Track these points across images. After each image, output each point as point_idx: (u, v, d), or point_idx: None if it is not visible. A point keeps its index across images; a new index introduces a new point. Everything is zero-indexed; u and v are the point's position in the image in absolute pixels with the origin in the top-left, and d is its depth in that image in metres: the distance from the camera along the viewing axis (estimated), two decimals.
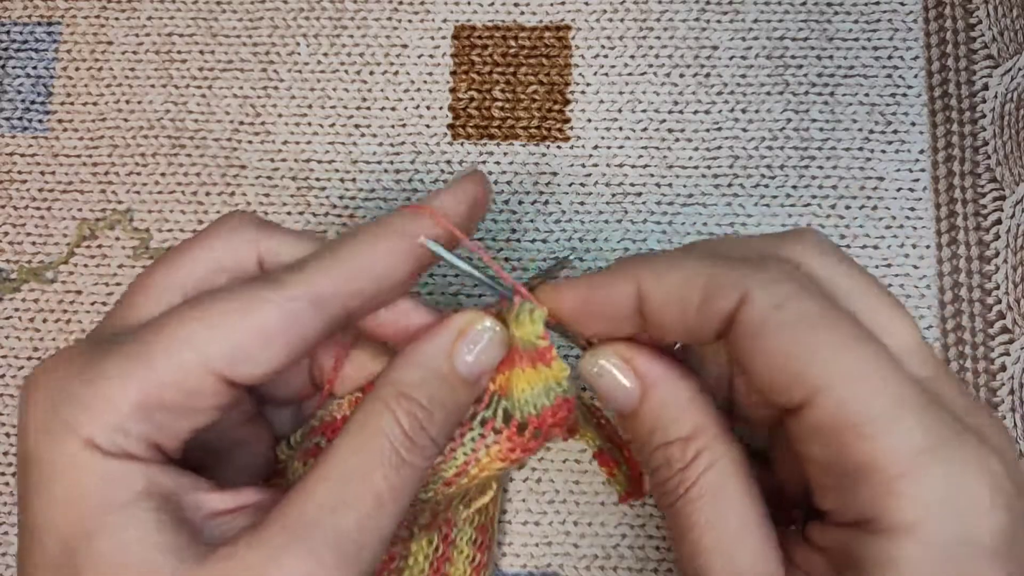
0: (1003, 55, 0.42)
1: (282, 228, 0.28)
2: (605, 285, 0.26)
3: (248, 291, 0.25)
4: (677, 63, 0.42)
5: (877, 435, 0.21)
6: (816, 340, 0.22)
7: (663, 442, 0.26)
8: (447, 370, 0.27)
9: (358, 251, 0.26)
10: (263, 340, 0.24)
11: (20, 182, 0.43)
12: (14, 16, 0.44)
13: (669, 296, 0.24)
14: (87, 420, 0.23)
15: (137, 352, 0.24)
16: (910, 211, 0.40)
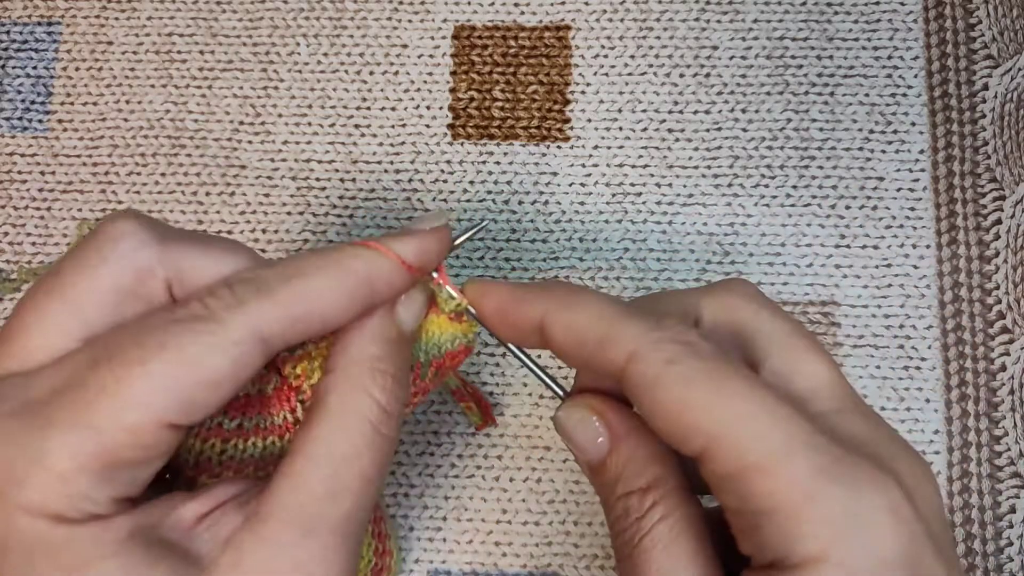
0: (1003, 55, 0.42)
1: (186, 236, 0.26)
2: (519, 302, 0.28)
3: (188, 335, 0.23)
4: (677, 63, 0.42)
5: (771, 474, 0.22)
6: (707, 392, 0.23)
7: (624, 492, 0.27)
8: (397, 334, 0.28)
9: (303, 286, 0.25)
10: (213, 387, 0.23)
11: (20, 182, 0.43)
12: (14, 16, 0.44)
13: (569, 331, 0.26)
14: (46, 499, 0.22)
15: (79, 419, 0.22)
16: (910, 211, 0.40)
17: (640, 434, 0.27)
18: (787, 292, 0.40)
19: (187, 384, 0.23)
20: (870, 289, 0.40)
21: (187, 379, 0.23)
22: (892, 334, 0.39)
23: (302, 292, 0.25)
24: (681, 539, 0.25)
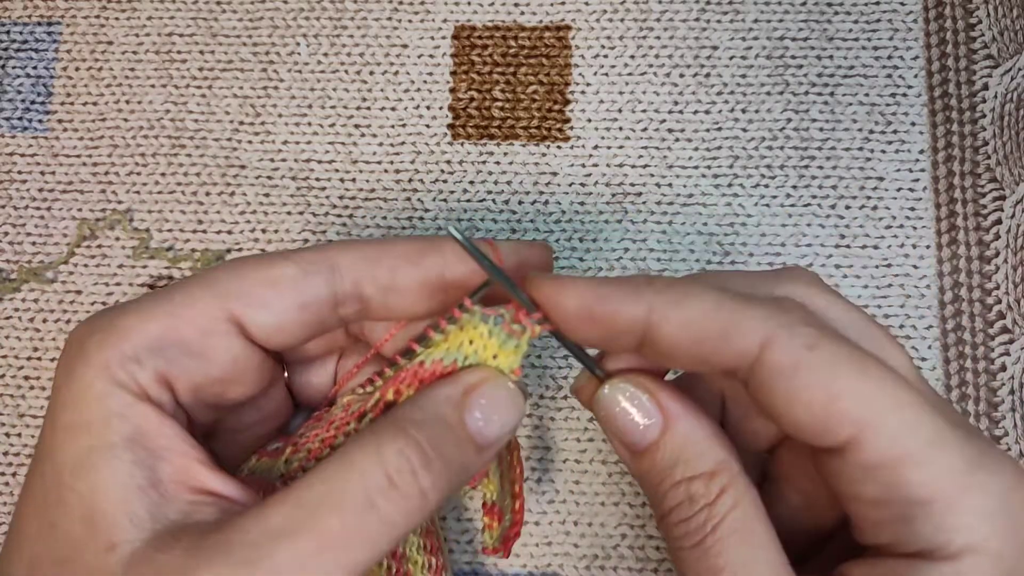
0: (1003, 55, 0.42)
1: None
2: (615, 300, 0.24)
3: (272, 254, 0.26)
4: (677, 63, 0.42)
5: (926, 464, 0.22)
6: (854, 378, 0.22)
7: (686, 477, 0.25)
8: (455, 421, 0.25)
9: (378, 240, 0.27)
10: (277, 288, 0.25)
11: (20, 182, 0.43)
12: (14, 16, 0.44)
13: (684, 327, 0.24)
14: (104, 347, 0.24)
15: (160, 294, 0.25)
16: (910, 211, 0.40)
17: (696, 414, 0.25)
18: None
19: (252, 277, 0.25)
20: (870, 289, 0.40)
21: (253, 273, 0.25)
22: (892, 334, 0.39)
23: (376, 242, 0.27)
24: (756, 527, 0.24)
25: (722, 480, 0.24)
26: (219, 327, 0.25)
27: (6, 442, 0.40)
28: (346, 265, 0.26)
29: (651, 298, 0.24)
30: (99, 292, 0.41)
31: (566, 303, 0.25)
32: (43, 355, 0.41)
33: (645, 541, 0.37)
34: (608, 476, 0.38)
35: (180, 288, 0.26)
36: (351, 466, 0.23)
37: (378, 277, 0.27)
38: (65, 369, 0.25)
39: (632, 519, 0.38)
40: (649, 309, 0.24)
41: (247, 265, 0.26)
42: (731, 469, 0.25)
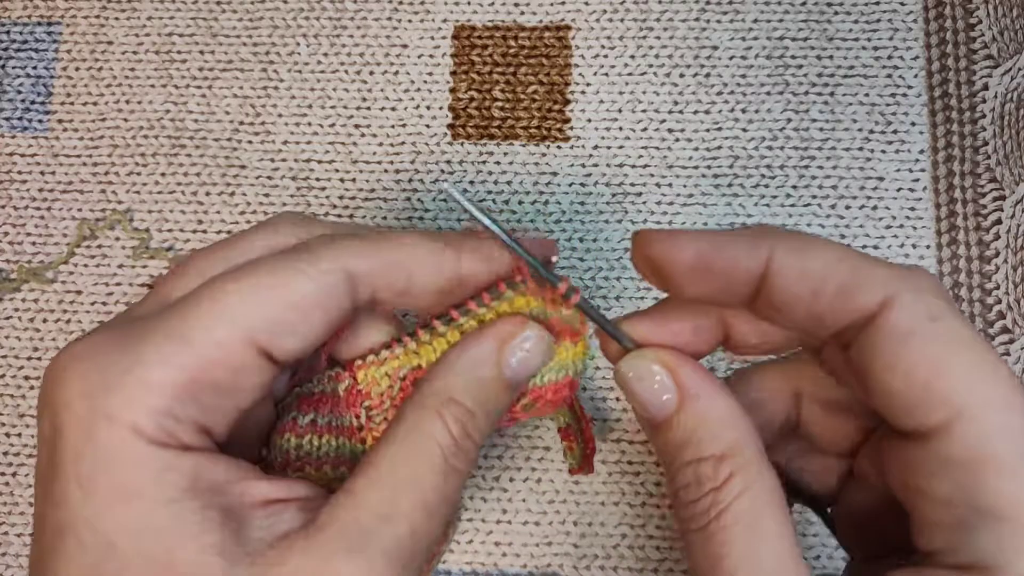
0: (1003, 55, 0.42)
1: (328, 223, 0.28)
2: (733, 246, 0.23)
3: (282, 262, 0.24)
4: (677, 63, 0.42)
5: (1012, 477, 0.20)
6: (966, 362, 0.21)
7: (694, 458, 0.24)
8: (493, 375, 0.26)
9: (396, 238, 0.26)
10: (301, 312, 0.24)
11: (20, 182, 0.43)
12: (14, 16, 0.44)
13: (804, 277, 0.22)
14: (131, 408, 0.22)
15: (173, 330, 0.23)
16: (910, 211, 0.40)
17: (714, 394, 0.25)
18: None
19: (274, 304, 0.23)
20: None
21: (275, 299, 0.23)
22: None
23: (394, 241, 0.25)
24: (764, 517, 0.23)
25: (732, 464, 0.23)
26: (249, 362, 0.23)
27: (6, 442, 0.40)
28: (363, 273, 0.25)
29: (772, 245, 0.23)
30: (99, 292, 0.41)
31: (681, 256, 0.24)
32: (43, 355, 0.41)
33: (645, 541, 0.37)
34: (608, 476, 0.38)
35: (195, 320, 0.23)
36: (426, 439, 0.25)
37: (395, 284, 0.26)
38: (80, 433, 0.22)
39: (632, 519, 0.38)
40: (769, 258, 0.23)
41: (260, 282, 0.24)
42: (743, 454, 0.24)
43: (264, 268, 0.24)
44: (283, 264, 0.24)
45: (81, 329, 0.41)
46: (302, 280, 0.24)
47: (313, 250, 0.25)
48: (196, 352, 0.22)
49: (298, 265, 0.24)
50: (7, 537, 0.39)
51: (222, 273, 0.24)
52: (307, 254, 0.24)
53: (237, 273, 0.24)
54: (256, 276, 0.24)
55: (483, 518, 0.38)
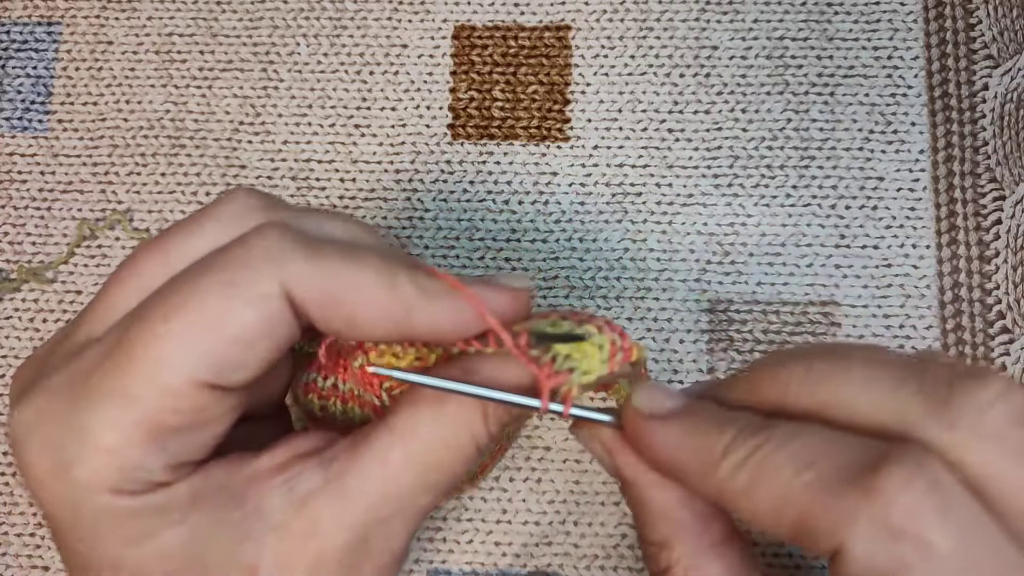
0: (1003, 55, 0.42)
1: (294, 209, 0.25)
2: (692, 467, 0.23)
3: (216, 288, 0.21)
4: (677, 63, 0.42)
5: None
6: None
7: (642, 538, 0.25)
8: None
9: (352, 268, 0.22)
10: (245, 345, 0.22)
11: (20, 182, 0.43)
12: (14, 16, 0.44)
13: (761, 506, 0.21)
14: (100, 477, 0.21)
15: (116, 389, 0.21)
16: (910, 211, 0.40)
17: (652, 484, 0.25)
18: (787, 292, 0.40)
19: (213, 342, 0.21)
20: (870, 289, 0.40)
21: (212, 336, 0.21)
22: (892, 334, 0.39)
23: (339, 264, 0.22)
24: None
25: (670, 555, 0.24)
26: (204, 399, 0.22)
27: (6, 442, 0.40)
28: (305, 302, 0.22)
29: (727, 468, 0.22)
30: None
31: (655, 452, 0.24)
32: None
33: None
34: (608, 476, 0.38)
35: (135, 373, 0.21)
36: (464, 416, 0.24)
37: (333, 320, 0.23)
38: (60, 505, 0.22)
39: (632, 519, 0.38)
40: (719, 490, 0.22)
41: (194, 319, 0.21)
42: (680, 546, 0.24)
43: (196, 298, 0.21)
44: (218, 291, 0.21)
45: None
46: (240, 310, 0.21)
47: (251, 264, 0.22)
48: (144, 407, 0.21)
49: (234, 291, 0.21)
50: (7, 537, 0.39)
51: (154, 302, 0.22)
52: (244, 270, 0.22)
53: (168, 304, 0.22)
54: (188, 312, 0.21)
55: (483, 518, 0.38)
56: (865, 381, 0.21)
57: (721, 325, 0.39)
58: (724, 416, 0.23)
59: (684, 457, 0.23)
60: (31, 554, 0.39)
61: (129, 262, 0.24)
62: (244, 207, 0.24)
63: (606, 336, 0.24)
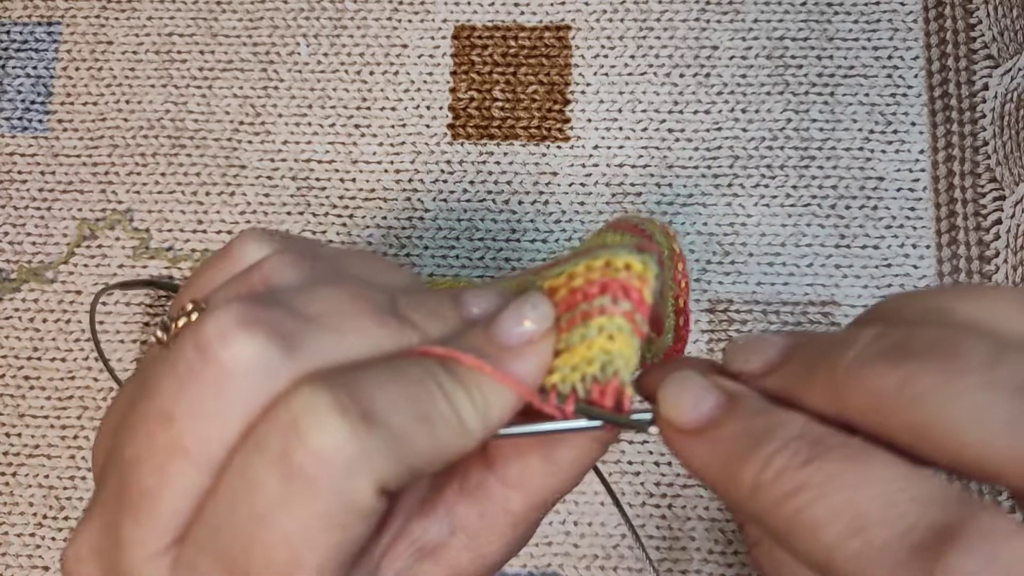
0: (1003, 55, 0.42)
1: (320, 325, 0.20)
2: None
3: (321, 539, 0.19)
4: (677, 63, 0.42)
5: None
6: None
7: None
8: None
9: (409, 419, 0.19)
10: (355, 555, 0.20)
11: (20, 182, 0.43)
12: (14, 16, 0.44)
13: (800, 560, 0.18)
14: None
15: None
16: (910, 211, 0.40)
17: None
18: (787, 292, 0.40)
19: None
20: (870, 289, 0.40)
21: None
22: None
23: (417, 432, 0.19)
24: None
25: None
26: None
27: (6, 442, 0.40)
28: (392, 484, 0.19)
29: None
30: None
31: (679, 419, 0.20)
32: (43, 355, 0.41)
33: (645, 541, 0.37)
34: (608, 476, 0.38)
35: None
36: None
37: (417, 476, 0.20)
38: None
39: (632, 519, 0.38)
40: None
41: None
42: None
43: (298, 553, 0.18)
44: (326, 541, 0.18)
45: (81, 329, 0.41)
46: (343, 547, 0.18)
47: (337, 493, 0.18)
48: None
49: (335, 533, 0.18)
50: (7, 537, 0.39)
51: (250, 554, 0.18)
52: (330, 502, 0.18)
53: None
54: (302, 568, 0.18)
55: None
56: (977, 410, 0.16)
57: (721, 325, 0.39)
58: (764, 429, 0.19)
59: (714, 479, 0.20)
60: (31, 554, 0.39)
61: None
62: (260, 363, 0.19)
63: (618, 308, 0.20)
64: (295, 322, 0.19)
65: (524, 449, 0.22)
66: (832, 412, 0.18)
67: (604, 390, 0.20)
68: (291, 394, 0.18)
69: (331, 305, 0.20)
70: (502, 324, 0.21)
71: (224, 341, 0.18)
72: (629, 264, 0.20)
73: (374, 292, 0.21)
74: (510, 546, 0.23)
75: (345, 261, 0.23)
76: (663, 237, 0.27)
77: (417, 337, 0.21)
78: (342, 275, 0.22)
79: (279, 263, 0.21)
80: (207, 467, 0.18)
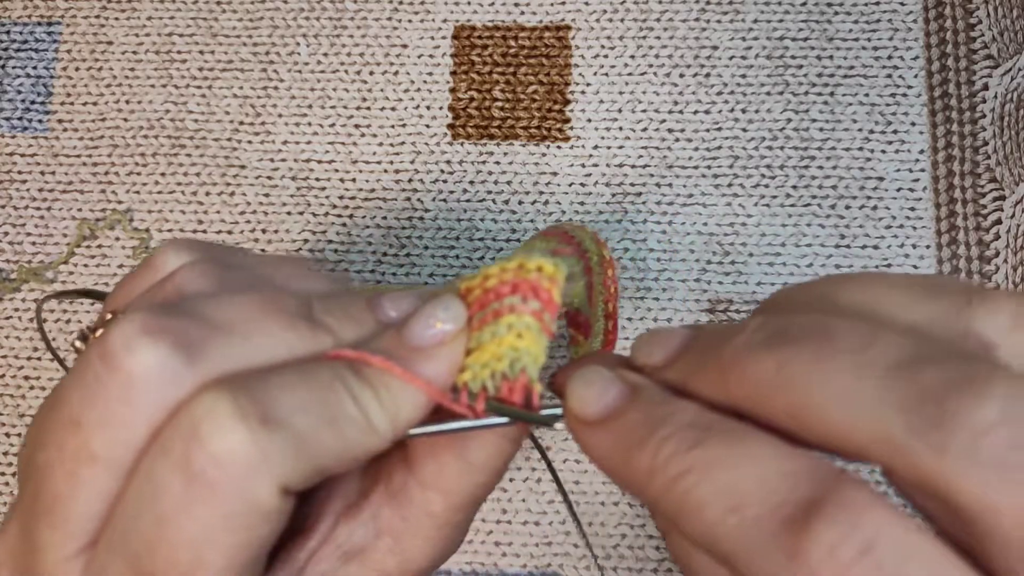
0: (1003, 55, 0.42)
1: (225, 332, 0.20)
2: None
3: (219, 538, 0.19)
4: (677, 63, 0.42)
5: None
6: None
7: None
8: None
9: (308, 419, 0.20)
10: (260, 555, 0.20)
11: (20, 182, 0.43)
12: (14, 16, 0.44)
13: (694, 540, 0.18)
14: None
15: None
16: (910, 211, 0.40)
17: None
18: None
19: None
20: None
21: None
22: None
23: (315, 433, 0.19)
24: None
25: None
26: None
27: (6, 442, 0.40)
28: (295, 485, 0.20)
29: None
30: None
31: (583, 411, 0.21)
32: (43, 355, 0.41)
33: (645, 541, 0.37)
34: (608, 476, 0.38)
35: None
36: None
37: (323, 475, 0.20)
38: None
39: (632, 519, 0.38)
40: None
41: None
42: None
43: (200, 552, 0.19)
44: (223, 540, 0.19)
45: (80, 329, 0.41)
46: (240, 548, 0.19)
47: (236, 495, 0.19)
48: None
49: (238, 535, 0.19)
50: None
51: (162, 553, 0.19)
52: (230, 501, 0.19)
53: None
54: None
55: (483, 518, 0.38)
56: (844, 392, 0.17)
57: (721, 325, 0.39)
58: (659, 417, 0.19)
59: (614, 467, 0.20)
60: None
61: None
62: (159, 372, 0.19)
63: (527, 307, 0.21)
64: (200, 330, 0.20)
65: (439, 449, 0.23)
66: (722, 400, 0.19)
67: (513, 387, 0.21)
68: (193, 400, 0.19)
69: (239, 312, 0.21)
70: (413, 326, 0.21)
71: (128, 350, 0.19)
72: (541, 266, 0.21)
73: (288, 298, 0.22)
74: (436, 548, 0.23)
75: (263, 269, 0.24)
76: (593, 244, 0.28)
77: (331, 341, 0.21)
78: (257, 283, 0.23)
79: (192, 272, 0.22)
80: (116, 472, 0.19)
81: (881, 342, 0.17)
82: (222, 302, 0.21)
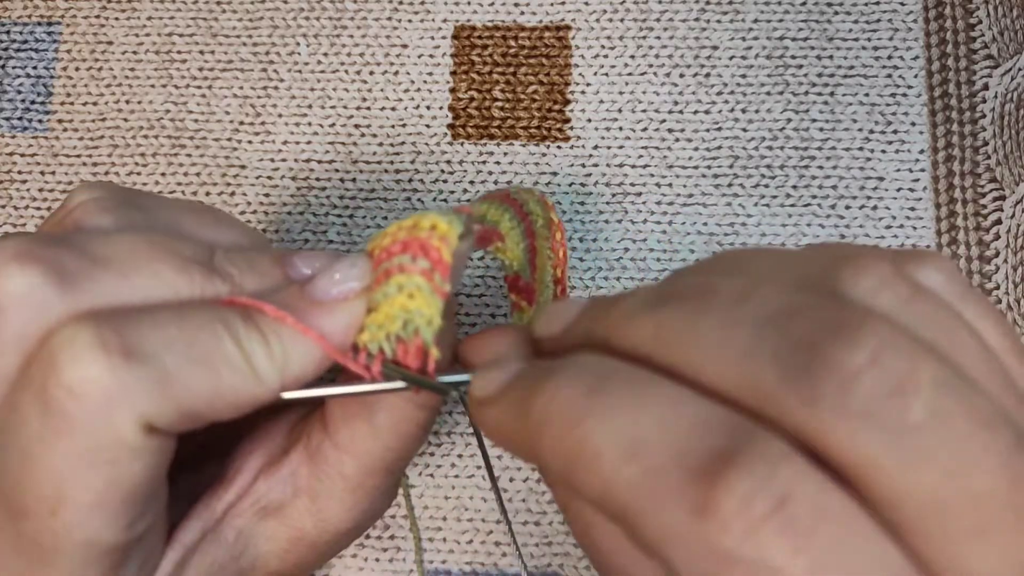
0: (1003, 55, 0.42)
1: (104, 261, 0.20)
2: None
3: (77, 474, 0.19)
4: (677, 63, 0.42)
5: None
6: None
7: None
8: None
9: (184, 360, 0.19)
10: (133, 501, 0.20)
11: (20, 182, 0.43)
12: (14, 16, 0.44)
13: (591, 501, 0.18)
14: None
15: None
16: (910, 211, 0.40)
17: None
18: None
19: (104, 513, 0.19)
20: None
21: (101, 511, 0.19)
22: None
23: (193, 374, 0.19)
24: None
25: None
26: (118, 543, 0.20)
27: None
28: (166, 427, 0.19)
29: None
30: None
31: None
32: None
33: None
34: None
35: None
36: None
37: (204, 422, 0.20)
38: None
39: None
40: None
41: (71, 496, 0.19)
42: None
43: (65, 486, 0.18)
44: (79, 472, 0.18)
45: None
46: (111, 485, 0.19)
47: (92, 426, 0.18)
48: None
49: (96, 469, 0.18)
50: None
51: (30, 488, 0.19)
52: (87, 435, 0.18)
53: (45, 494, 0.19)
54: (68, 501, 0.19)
55: (483, 518, 0.38)
56: (718, 345, 0.16)
57: None
58: (552, 367, 0.18)
59: (507, 432, 0.19)
60: None
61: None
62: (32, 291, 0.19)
63: (416, 266, 0.21)
64: (79, 261, 0.19)
65: (350, 413, 0.23)
66: None
67: (408, 349, 0.20)
68: (57, 330, 0.18)
69: (125, 249, 0.20)
70: (317, 281, 0.21)
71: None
72: (435, 224, 0.21)
73: (186, 243, 0.21)
74: (351, 512, 0.23)
75: (172, 215, 0.23)
76: (538, 206, 0.27)
77: (227, 289, 0.21)
78: (159, 226, 0.22)
79: (91, 207, 0.22)
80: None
81: (757, 296, 0.17)
82: (111, 239, 0.20)
